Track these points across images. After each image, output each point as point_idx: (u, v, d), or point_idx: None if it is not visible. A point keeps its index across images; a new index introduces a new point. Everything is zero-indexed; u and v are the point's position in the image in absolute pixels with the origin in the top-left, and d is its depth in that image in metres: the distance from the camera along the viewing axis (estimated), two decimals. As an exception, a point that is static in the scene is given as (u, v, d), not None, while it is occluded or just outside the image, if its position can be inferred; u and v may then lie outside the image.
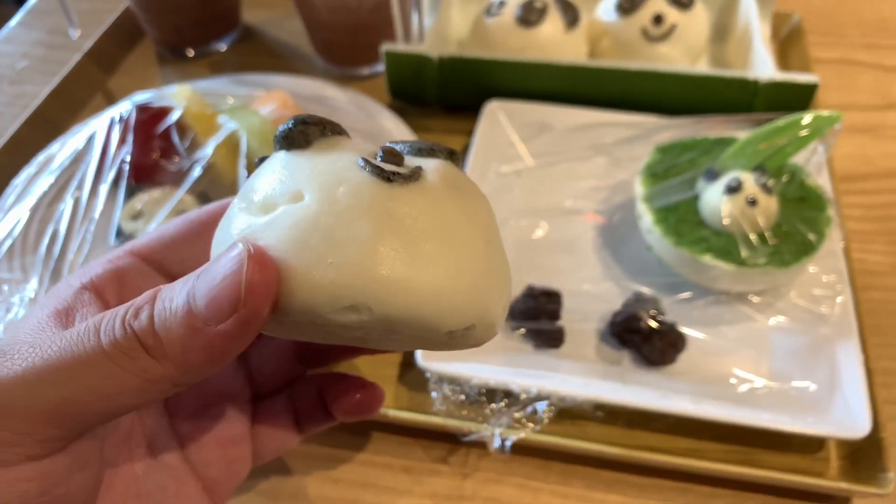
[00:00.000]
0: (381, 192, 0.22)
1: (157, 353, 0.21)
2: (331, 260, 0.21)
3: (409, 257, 0.21)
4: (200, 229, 0.28)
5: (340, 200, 0.21)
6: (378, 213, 0.21)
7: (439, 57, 0.61)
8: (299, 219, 0.21)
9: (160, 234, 0.28)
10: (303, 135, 0.24)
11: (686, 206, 0.49)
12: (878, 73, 0.71)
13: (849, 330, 0.47)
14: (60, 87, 0.67)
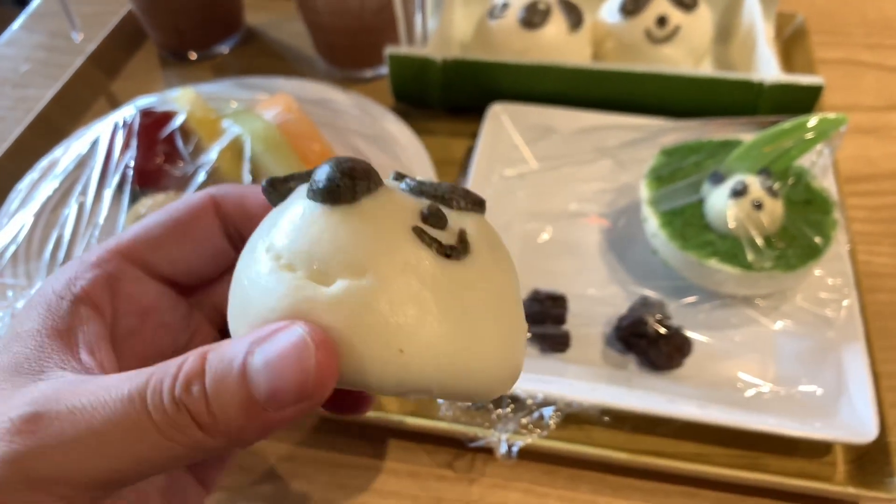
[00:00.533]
0: (443, 272, 0.22)
1: (211, 431, 0.20)
2: (400, 348, 0.21)
3: (472, 342, 0.22)
4: (186, 228, 0.28)
5: (405, 282, 0.21)
6: (443, 298, 0.21)
7: (443, 59, 0.61)
8: (365, 301, 0.21)
9: (146, 234, 0.27)
10: (350, 192, 0.22)
11: (691, 210, 0.49)
12: (882, 73, 0.70)
13: (855, 333, 0.47)
14: (63, 90, 0.67)
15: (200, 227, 0.28)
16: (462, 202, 0.24)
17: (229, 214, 0.28)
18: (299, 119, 0.56)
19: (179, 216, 0.28)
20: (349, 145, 0.60)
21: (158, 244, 0.27)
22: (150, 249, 0.27)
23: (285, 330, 0.20)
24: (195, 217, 0.28)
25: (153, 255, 0.27)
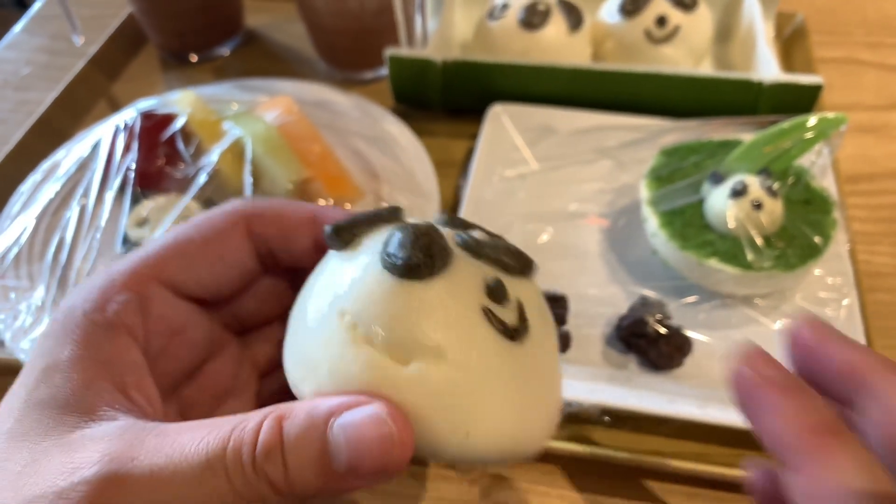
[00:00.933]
0: (509, 355, 0.23)
1: (286, 494, 0.21)
2: (468, 431, 0.22)
3: (529, 423, 0.24)
4: (217, 247, 0.27)
5: (477, 368, 0.23)
6: (509, 382, 0.23)
7: (443, 61, 0.61)
8: (441, 387, 0.22)
9: (175, 252, 0.26)
10: (428, 270, 0.23)
11: (691, 210, 0.49)
12: (882, 72, 0.70)
13: (855, 333, 0.47)
14: (65, 93, 0.67)
15: (231, 247, 0.27)
16: (516, 267, 0.25)
17: (263, 234, 0.28)
18: (300, 121, 0.56)
19: (209, 234, 0.27)
20: (350, 147, 0.60)
21: (188, 264, 0.26)
22: (180, 270, 0.26)
23: (366, 406, 0.21)
24: (225, 235, 0.27)
25: (182, 276, 0.27)
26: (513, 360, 0.23)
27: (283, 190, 0.52)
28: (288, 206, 0.28)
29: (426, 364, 0.22)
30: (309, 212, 0.28)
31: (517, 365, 0.23)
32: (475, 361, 0.23)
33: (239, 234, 0.27)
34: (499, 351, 0.23)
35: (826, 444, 0.20)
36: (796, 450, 0.21)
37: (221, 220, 0.27)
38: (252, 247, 0.28)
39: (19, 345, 0.46)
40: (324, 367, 0.23)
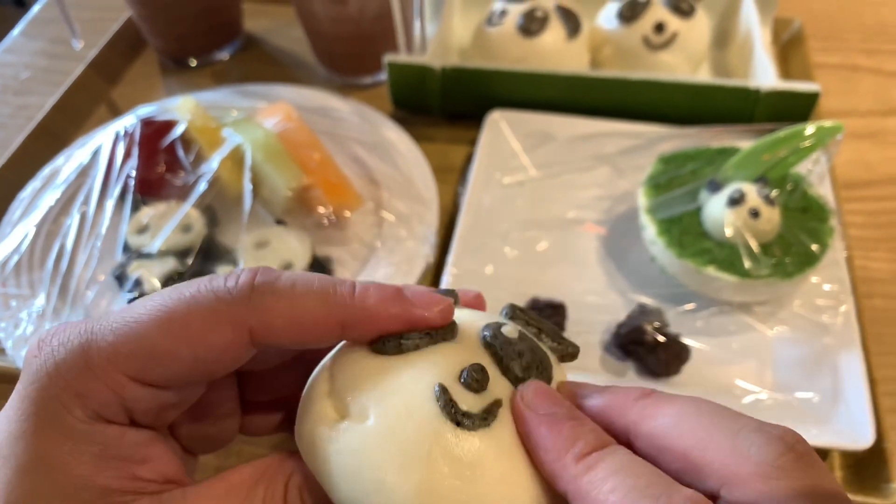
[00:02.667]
0: (444, 437, 0.21)
1: None
2: (374, 503, 0.21)
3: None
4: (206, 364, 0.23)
5: (400, 438, 0.21)
6: (432, 463, 0.21)
7: (442, 67, 0.62)
8: (357, 446, 0.21)
9: (148, 354, 0.22)
10: (393, 346, 0.23)
11: (689, 218, 0.50)
12: (878, 78, 0.71)
13: (851, 339, 0.47)
14: (64, 98, 0.67)
15: (222, 362, 0.23)
16: (524, 371, 0.23)
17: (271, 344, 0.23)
18: (299, 128, 0.57)
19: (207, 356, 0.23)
20: (349, 153, 0.60)
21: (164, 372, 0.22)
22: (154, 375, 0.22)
23: None
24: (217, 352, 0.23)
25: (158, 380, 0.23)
26: (450, 450, 0.21)
27: (282, 197, 0.53)
28: (308, 310, 0.23)
29: (351, 423, 0.22)
30: (333, 323, 0.23)
31: (453, 459, 0.21)
32: (397, 430, 0.21)
33: (236, 345, 0.23)
34: (434, 432, 0.21)
35: (587, 465, 0.21)
36: (566, 480, 0.21)
37: (219, 338, 0.22)
38: (252, 350, 0.23)
39: (20, 353, 0.47)
40: (300, 417, 0.24)
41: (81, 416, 0.21)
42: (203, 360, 0.22)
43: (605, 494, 0.20)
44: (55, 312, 0.49)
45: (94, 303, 0.50)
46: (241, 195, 0.53)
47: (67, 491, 0.20)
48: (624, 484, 0.20)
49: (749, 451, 0.20)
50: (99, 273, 0.51)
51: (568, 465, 0.21)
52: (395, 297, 0.23)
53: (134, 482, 0.22)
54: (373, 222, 0.56)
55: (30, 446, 0.20)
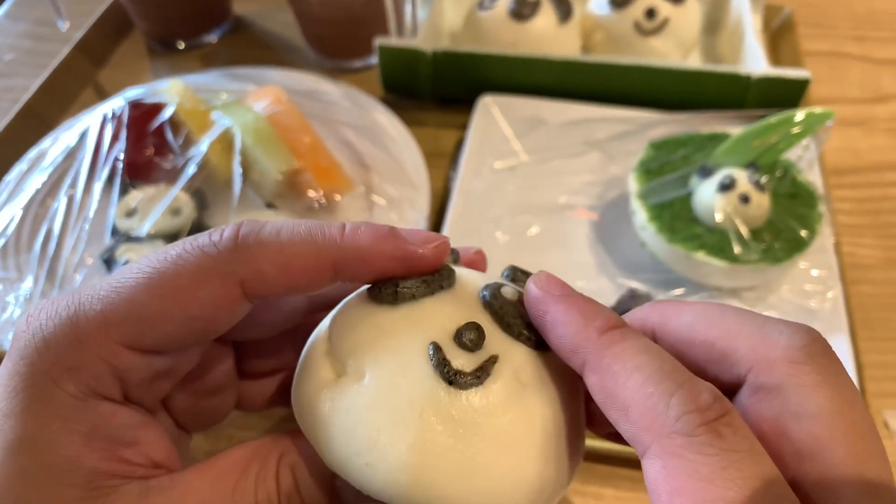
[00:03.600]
0: (437, 396, 0.21)
1: None
2: (367, 462, 0.21)
3: (442, 475, 0.21)
4: (200, 320, 0.22)
5: (394, 397, 0.21)
6: (425, 422, 0.21)
7: (433, 51, 0.61)
8: (351, 405, 0.22)
9: (139, 318, 0.21)
10: (389, 295, 0.23)
11: (680, 203, 0.50)
12: (867, 65, 0.71)
13: (839, 325, 0.48)
14: (50, 80, 0.66)
15: (216, 315, 0.22)
16: (522, 334, 0.23)
17: (264, 294, 0.23)
18: (289, 111, 0.56)
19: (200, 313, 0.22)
20: (339, 137, 0.60)
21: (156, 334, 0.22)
22: (149, 339, 0.22)
23: None
24: (207, 304, 0.22)
25: (151, 343, 0.22)
26: (443, 407, 0.21)
27: (272, 181, 0.52)
28: (296, 254, 0.22)
29: (347, 382, 0.22)
30: (324, 256, 0.23)
31: (445, 410, 0.21)
32: (391, 390, 0.21)
33: (228, 299, 0.22)
34: (426, 390, 0.21)
35: (611, 339, 0.21)
36: (587, 350, 0.21)
37: (209, 293, 0.22)
38: (246, 304, 0.23)
39: (8, 336, 0.46)
40: (297, 380, 0.24)
41: (74, 390, 0.21)
42: (196, 317, 0.22)
43: (630, 371, 0.20)
44: (43, 296, 0.49)
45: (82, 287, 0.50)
46: (230, 179, 0.53)
47: (54, 472, 0.20)
48: (650, 364, 0.20)
49: (777, 338, 0.21)
50: (87, 256, 0.51)
51: (591, 336, 0.21)
52: (387, 235, 0.23)
53: (122, 465, 0.21)
54: (363, 206, 0.55)
55: (17, 424, 0.20)
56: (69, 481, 0.20)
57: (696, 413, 0.19)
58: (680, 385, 0.19)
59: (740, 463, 0.18)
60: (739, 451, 0.18)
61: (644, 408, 0.19)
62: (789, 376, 0.20)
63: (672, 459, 0.18)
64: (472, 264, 0.27)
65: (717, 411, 0.19)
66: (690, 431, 0.18)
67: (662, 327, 0.23)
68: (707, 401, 0.19)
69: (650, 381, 0.19)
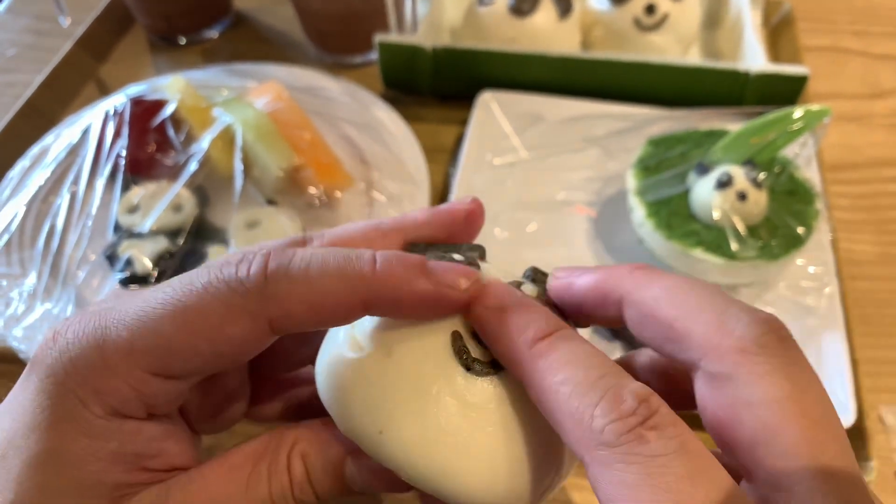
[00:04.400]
0: (454, 379, 0.23)
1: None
2: (381, 430, 0.22)
3: (450, 452, 0.22)
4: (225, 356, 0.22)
5: (415, 375, 0.23)
6: (441, 401, 0.22)
7: (433, 47, 0.61)
8: (374, 377, 0.23)
9: (166, 351, 0.21)
10: None
11: (678, 200, 0.50)
12: (867, 60, 0.71)
13: (835, 321, 0.48)
14: (52, 76, 0.67)
15: (241, 353, 0.23)
16: None
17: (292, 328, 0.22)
18: (290, 107, 0.56)
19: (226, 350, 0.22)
20: (339, 133, 0.60)
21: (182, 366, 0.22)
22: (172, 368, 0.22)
23: None
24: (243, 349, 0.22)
25: (175, 373, 0.22)
26: (456, 388, 0.22)
27: (273, 177, 0.53)
28: (327, 293, 0.22)
29: (372, 356, 0.23)
30: (356, 300, 0.22)
31: (459, 394, 0.22)
32: (410, 365, 0.23)
33: (256, 335, 0.22)
34: (446, 372, 0.23)
35: (538, 351, 0.21)
36: (521, 366, 0.22)
37: (237, 331, 0.21)
38: (271, 336, 0.22)
39: (12, 332, 0.47)
40: (322, 353, 0.25)
41: (100, 412, 0.21)
42: (223, 353, 0.22)
43: (557, 385, 0.20)
44: (46, 291, 0.49)
45: (86, 282, 0.50)
46: (231, 175, 0.53)
47: (79, 487, 0.20)
48: (575, 376, 0.20)
49: (733, 328, 0.21)
50: (90, 252, 0.51)
51: (521, 352, 0.22)
52: (419, 273, 0.23)
53: (145, 474, 0.22)
54: (364, 202, 0.56)
55: (42, 439, 0.20)
56: (93, 494, 0.21)
57: (618, 422, 0.19)
58: (603, 393, 0.19)
59: (665, 467, 0.18)
60: (665, 453, 0.18)
61: (572, 423, 0.20)
62: (739, 365, 0.20)
63: (601, 470, 0.19)
64: (470, 217, 0.28)
65: (641, 415, 0.19)
66: (614, 441, 0.18)
67: (630, 295, 0.23)
68: (631, 406, 0.19)
69: (574, 395, 0.20)
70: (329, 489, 0.24)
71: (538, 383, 0.21)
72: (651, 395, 0.19)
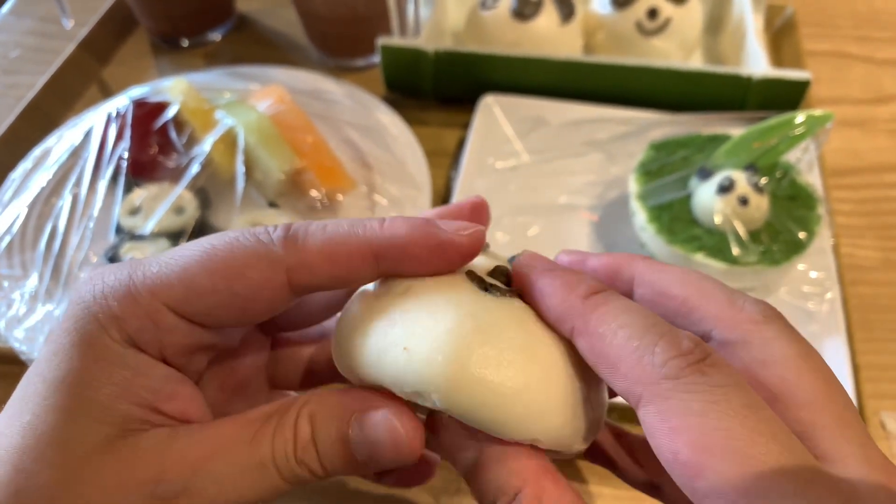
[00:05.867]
0: (473, 299, 0.24)
1: (321, 477, 0.24)
2: (406, 346, 0.22)
3: (476, 360, 0.22)
4: (244, 301, 0.24)
5: (435, 298, 0.23)
6: (461, 317, 0.23)
7: (435, 51, 0.61)
8: (395, 303, 0.24)
9: (188, 286, 0.23)
10: None
11: (679, 205, 0.50)
12: (869, 66, 0.71)
13: (836, 327, 0.48)
14: (54, 78, 0.67)
15: (261, 301, 0.24)
16: None
17: (309, 284, 0.24)
18: (292, 110, 0.56)
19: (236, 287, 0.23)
20: (341, 136, 0.60)
21: (205, 309, 0.24)
22: (191, 303, 0.24)
23: (377, 410, 0.24)
24: (255, 289, 0.24)
25: (197, 316, 0.24)
26: (477, 307, 0.23)
27: (275, 180, 0.53)
28: (340, 244, 0.24)
29: (392, 290, 0.24)
30: (367, 251, 0.24)
31: (481, 312, 0.23)
32: (430, 291, 0.24)
33: (272, 283, 0.23)
34: (463, 294, 0.24)
35: (594, 303, 0.23)
36: (574, 316, 0.23)
37: (256, 274, 0.23)
38: (290, 293, 0.24)
39: (13, 333, 0.47)
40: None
41: (117, 337, 0.22)
42: (240, 295, 0.23)
43: (615, 330, 0.22)
44: (48, 293, 0.49)
45: (87, 284, 0.50)
46: (233, 178, 0.53)
47: (91, 409, 0.22)
48: (633, 322, 0.22)
49: (742, 305, 0.23)
50: (91, 254, 0.52)
51: (574, 304, 0.23)
52: (424, 224, 0.24)
53: (155, 415, 0.23)
54: (366, 206, 0.56)
55: (63, 361, 0.22)
56: (104, 419, 0.22)
57: (679, 358, 0.20)
58: (661, 336, 0.21)
59: (728, 395, 0.19)
60: (725, 384, 0.20)
61: (632, 361, 0.21)
62: (751, 332, 0.22)
63: (665, 402, 0.20)
64: (475, 209, 0.29)
65: (698, 354, 0.20)
66: (677, 374, 0.20)
67: (643, 275, 0.25)
68: (688, 346, 0.20)
69: (634, 336, 0.21)
70: (333, 454, 0.24)
71: (593, 329, 0.22)
72: (702, 341, 0.21)
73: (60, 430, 0.21)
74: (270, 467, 0.23)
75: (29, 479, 0.21)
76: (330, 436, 0.24)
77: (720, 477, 0.18)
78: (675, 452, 0.19)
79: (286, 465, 0.23)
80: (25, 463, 0.21)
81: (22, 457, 0.21)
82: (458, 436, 0.24)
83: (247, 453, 0.23)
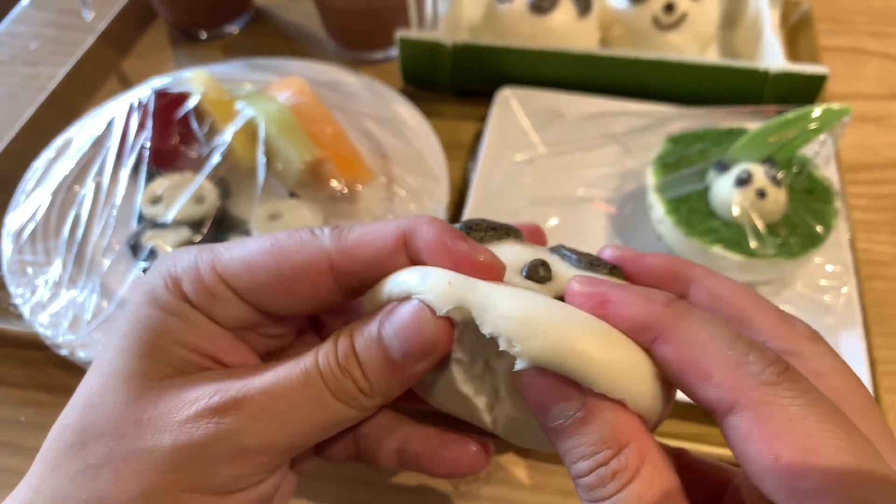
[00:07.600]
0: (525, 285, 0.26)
1: (369, 392, 0.26)
2: (449, 280, 0.25)
3: (580, 316, 0.24)
4: (296, 290, 0.27)
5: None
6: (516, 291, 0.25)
7: (453, 44, 0.62)
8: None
9: (242, 262, 0.27)
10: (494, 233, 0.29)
11: (697, 197, 0.51)
12: (885, 61, 0.71)
13: (853, 320, 0.48)
14: (75, 69, 0.67)
15: (309, 290, 0.27)
16: (597, 259, 0.29)
17: (351, 271, 0.27)
18: (312, 101, 0.57)
19: (291, 274, 0.27)
20: (360, 128, 0.60)
21: (262, 297, 0.27)
22: (249, 287, 0.27)
23: (403, 303, 0.25)
24: (306, 281, 0.27)
25: (253, 299, 0.27)
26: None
27: (295, 170, 0.53)
28: (373, 234, 0.27)
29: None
30: (397, 233, 0.26)
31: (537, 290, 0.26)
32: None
33: (316, 268, 0.26)
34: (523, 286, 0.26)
35: (678, 312, 0.24)
36: (659, 324, 0.23)
37: (302, 258, 0.26)
38: (335, 284, 0.27)
39: (37, 318, 0.47)
40: None
41: (176, 293, 0.26)
42: (286, 276, 0.26)
43: (705, 340, 0.23)
44: (71, 279, 0.50)
45: (110, 271, 0.51)
46: (254, 168, 0.53)
47: (153, 352, 0.26)
48: (722, 333, 0.23)
49: (792, 322, 0.26)
50: (114, 242, 0.52)
51: (658, 311, 0.24)
52: (450, 233, 0.26)
53: (213, 363, 0.27)
54: (384, 196, 0.56)
55: (132, 314, 0.26)
56: (164, 360, 0.26)
57: (773, 366, 0.22)
58: (750, 346, 0.22)
59: (819, 400, 0.21)
60: (814, 391, 0.21)
61: (728, 368, 0.22)
62: (805, 346, 0.25)
63: (764, 408, 0.21)
64: (530, 234, 0.31)
65: (784, 363, 0.22)
66: (774, 381, 0.21)
67: (702, 280, 0.27)
68: (774, 356, 0.22)
69: (727, 346, 0.22)
70: (370, 356, 0.26)
71: (682, 339, 0.23)
72: (779, 356, 0.23)
73: (125, 367, 0.25)
74: (318, 380, 0.25)
75: (95, 409, 0.25)
76: (366, 341, 0.26)
77: (826, 476, 0.19)
78: (777, 455, 0.20)
79: (331, 377, 0.25)
80: (94, 397, 0.25)
81: (91, 392, 0.25)
82: (554, 388, 0.24)
83: (294, 366, 0.26)
